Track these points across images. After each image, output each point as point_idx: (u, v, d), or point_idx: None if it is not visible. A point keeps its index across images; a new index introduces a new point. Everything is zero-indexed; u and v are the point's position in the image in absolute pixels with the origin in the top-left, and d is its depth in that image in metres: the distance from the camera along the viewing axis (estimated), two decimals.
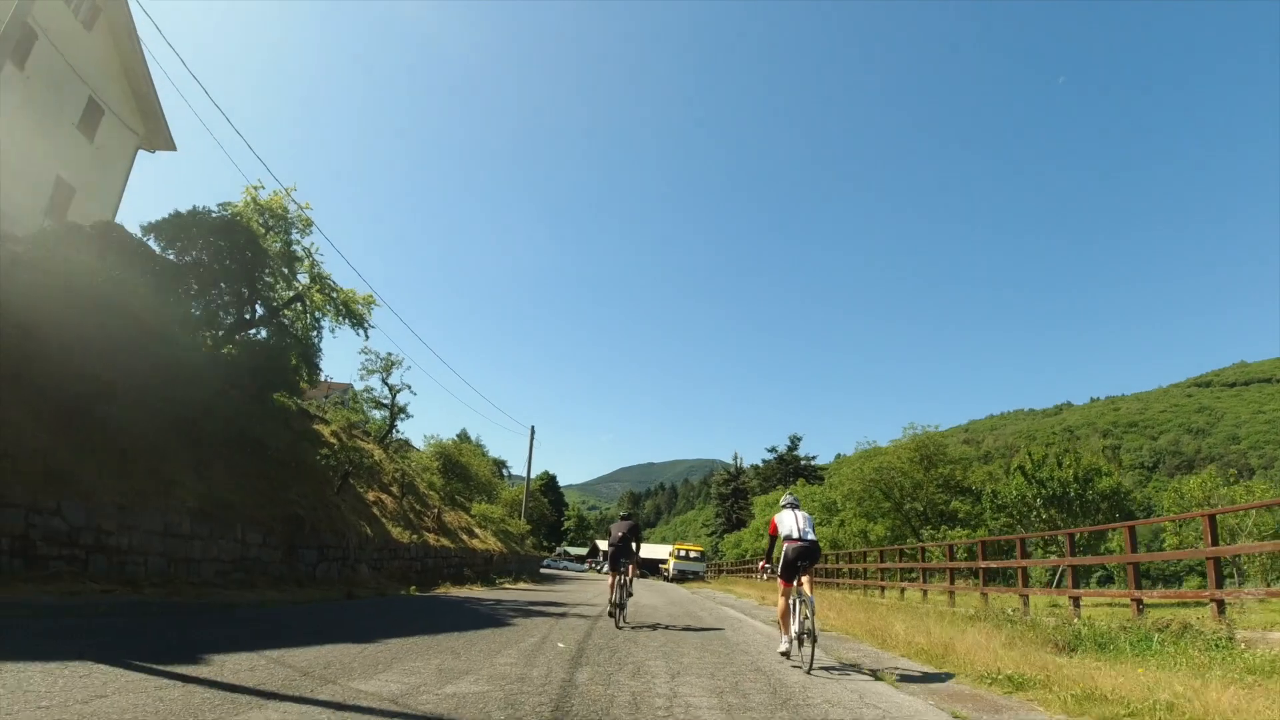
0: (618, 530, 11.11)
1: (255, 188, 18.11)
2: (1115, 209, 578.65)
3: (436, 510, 23.83)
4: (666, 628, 10.22)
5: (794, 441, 77.67)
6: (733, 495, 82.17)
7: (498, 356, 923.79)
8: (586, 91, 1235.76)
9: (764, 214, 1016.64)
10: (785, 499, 8.05)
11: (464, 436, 68.83)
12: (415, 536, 20.50)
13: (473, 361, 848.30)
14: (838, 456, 74.90)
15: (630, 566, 10.72)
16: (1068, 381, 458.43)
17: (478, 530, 28.01)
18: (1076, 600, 12.59)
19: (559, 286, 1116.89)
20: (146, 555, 11.63)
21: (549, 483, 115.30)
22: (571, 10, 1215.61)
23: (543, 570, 54.43)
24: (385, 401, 26.15)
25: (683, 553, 48.81)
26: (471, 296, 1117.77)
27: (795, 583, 7.15)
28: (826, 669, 6.73)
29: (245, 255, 17.38)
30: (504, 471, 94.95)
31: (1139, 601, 9.25)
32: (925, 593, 20.57)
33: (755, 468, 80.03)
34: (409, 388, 26.75)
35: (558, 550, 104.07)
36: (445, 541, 22.69)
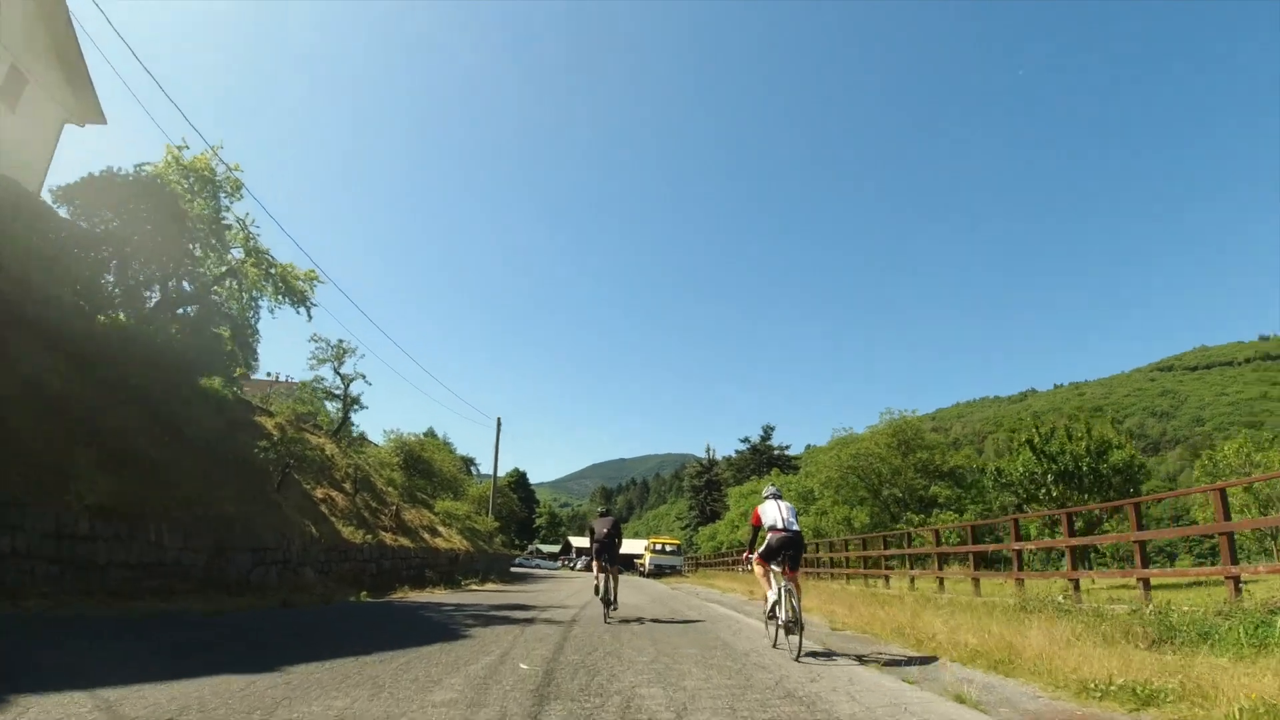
0: (601, 527, 11.20)
1: (179, 147, 16.11)
2: (1075, 197, 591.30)
3: (395, 508, 21.98)
4: (654, 625, 8.77)
5: (767, 431, 76.89)
6: (706, 488, 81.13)
7: (465, 356, 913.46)
8: (547, 75, 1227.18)
9: (734, 206, 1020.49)
10: (767, 490, 8.09)
11: (431, 434, 66.91)
12: (370, 536, 18.67)
13: (440, 360, 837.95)
14: (808, 448, 74.05)
15: (611, 566, 10.78)
16: (1031, 369, 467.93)
17: (441, 528, 26.19)
18: (1076, 583, 11.47)
19: (529, 285, 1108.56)
20: (33, 561, 9.75)
21: (519, 480, 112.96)
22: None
23: (514, 569, 52.60)
24: (338, 392, 24.20)
25: (659, 546, 47.05)
26: (444, 296, 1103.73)
27: (782, 571, 7.21)
28: (811, 654, 6.80)
29: (168, 222, 15.39)
30: (472, 469, 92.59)
31: (1148, 578, 8.25)
32: (913, 580, 19.44)
33: (728, 459, 79.08)
34: (363, 377, 24.81)
35: (530, 548, 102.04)
36: (405, 541, 20.88)
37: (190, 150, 16.19)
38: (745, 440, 77.25)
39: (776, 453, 75.20)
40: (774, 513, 7.55)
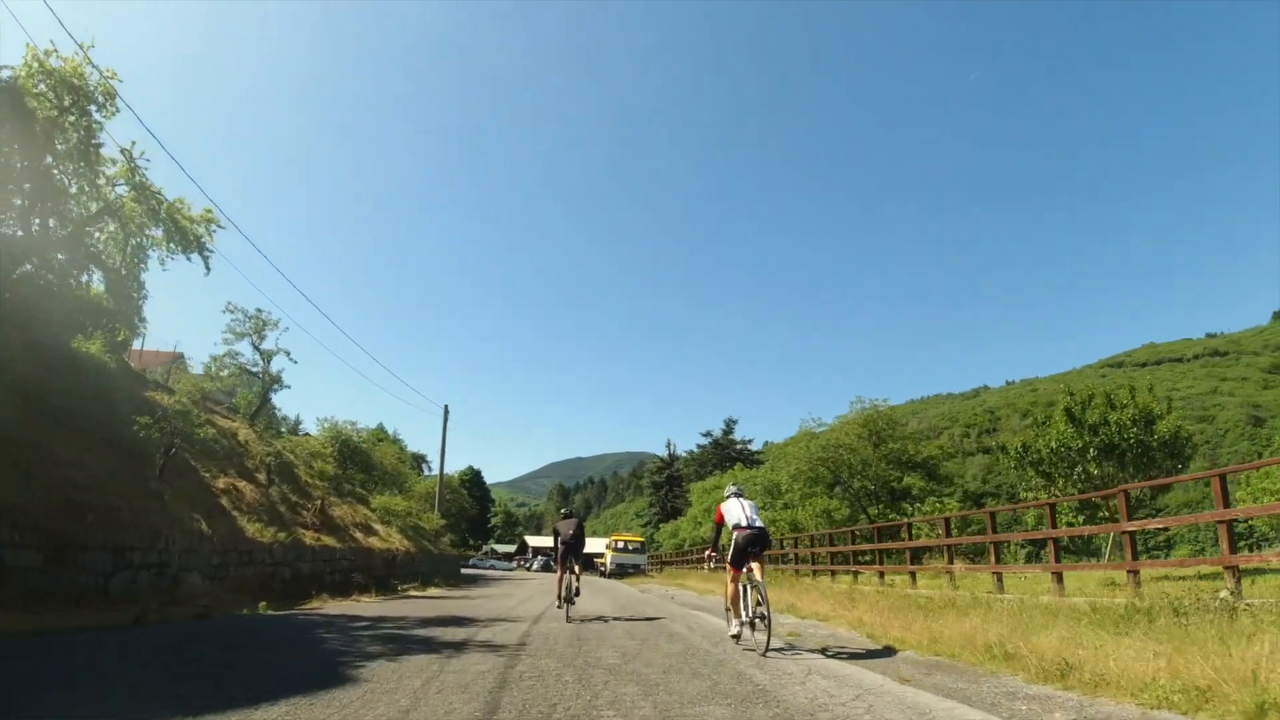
0: (567, 528, 11.39)
1: (47, 51, 12.85)
2: (1021, 196, 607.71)
3: (321, 502, 18.95)
4: (625, 634, 6.27)
5: (729, 426, 75.04)
6: (667, 483, 78.89)
7: (415, 355, 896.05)
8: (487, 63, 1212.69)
9: (691, 200, 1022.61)
10: (730, 488, 8.09)
11: (380, 431, 62.92)
12: (283, 535, 15.69)
13: (388, 355, 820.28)
14: (766, 444, 72.33)
15: (577, 565, 11.06)
16: (980, 366, 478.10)
17: (379, 526, 23.18)
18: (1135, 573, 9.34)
19: (484, 282, 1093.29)
20: None
21: (474, 478, 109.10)
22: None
23: (466, 570, 49.44)
24: (256, 370, 21.03)
25: (621, 544, 44.09)
26: (397, 294, 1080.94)
27: (745, 569, 7.16)
28: (778, 650, 6.72)
29: (28, 142, 12.25)
30: (423, 466, 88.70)
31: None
32: (914, 575, 17.33)
33: (690, 454, 76.97)
34: (287, 354, 21.68)
35: (484, 549, 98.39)
36: (330, 540, 17.92)
37: (80, 67, 12.94)
38: (707, 435, 75.34)
39: (739, 447, 73.38)
40: (738, 510, 7.49)
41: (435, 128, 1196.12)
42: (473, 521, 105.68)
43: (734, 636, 7.44)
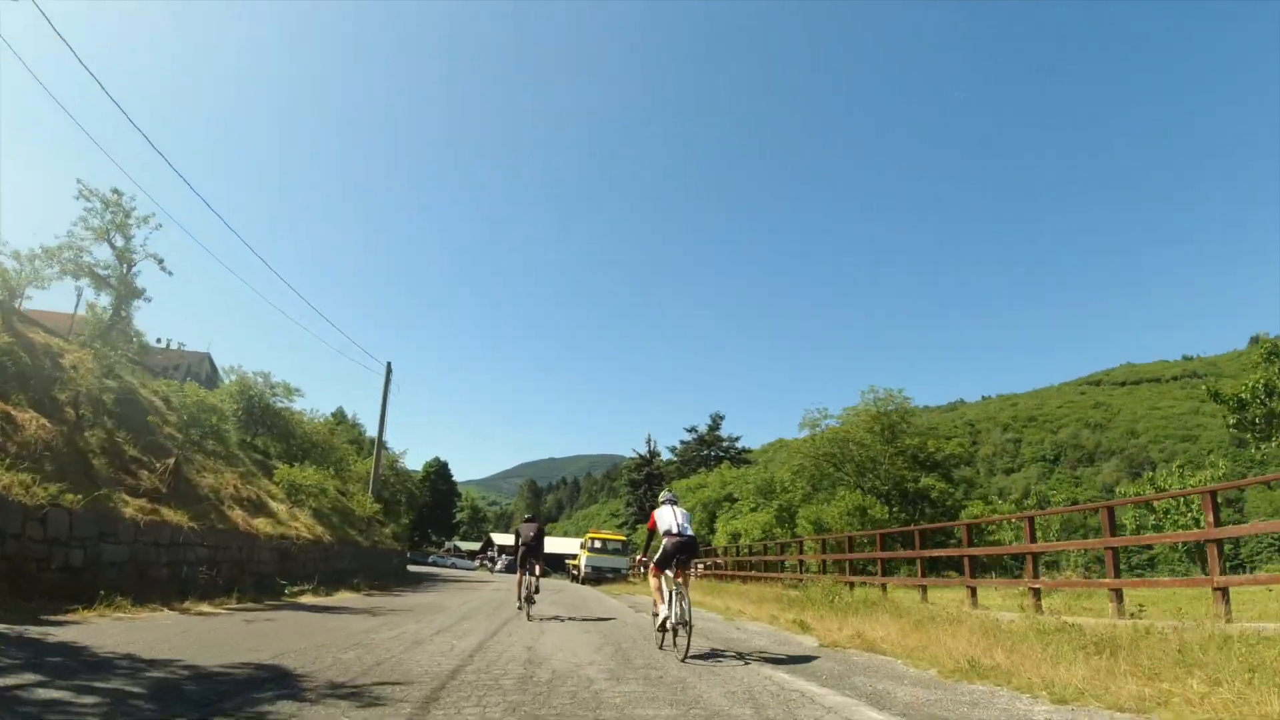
0: (528, 530, 12.33)
1: None
2: (999, 209, 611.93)
3: (174, 460, 13.04)
4: None
5: (715, 421, 69.80)
6: (646, 482, 73.23)
7: (393, 344, 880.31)
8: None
9: (667, 195, 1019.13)
10: (664, 495, 8.49)
11: (339, 415, 56.36)
12: (74, 497, 9.82)
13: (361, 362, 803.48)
14: (763, 447, 67.09)
15: (538, 566, 11.67)
16: (959, 380, 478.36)
17: (277, 505, 17.23)
18: None
19: (463, 272, 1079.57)
20: None
21: (440, 470, 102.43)
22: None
23: (418, 568, 43.40)
24: (107, 274, 15.13)
25: (598, 543, 37.38)
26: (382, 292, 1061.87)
27: (673, 575, 7.61)
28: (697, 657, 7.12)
29: None
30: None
31: None
32: (973, 592, 12.10)
33: (672, 450, 71.49)
34: (159, 262, 15.76)
35: (447, 545, 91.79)
36: (177, 516, 12.03)
37: None
38: (692, 430, 70.01)
39: (726, 444, 68.09)
40: (669, 518, 7.88)
41: (420, 134, 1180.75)
42: (436, 516, 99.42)
43: (660, 627, 7.75)
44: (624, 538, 40.75)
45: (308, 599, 13.65)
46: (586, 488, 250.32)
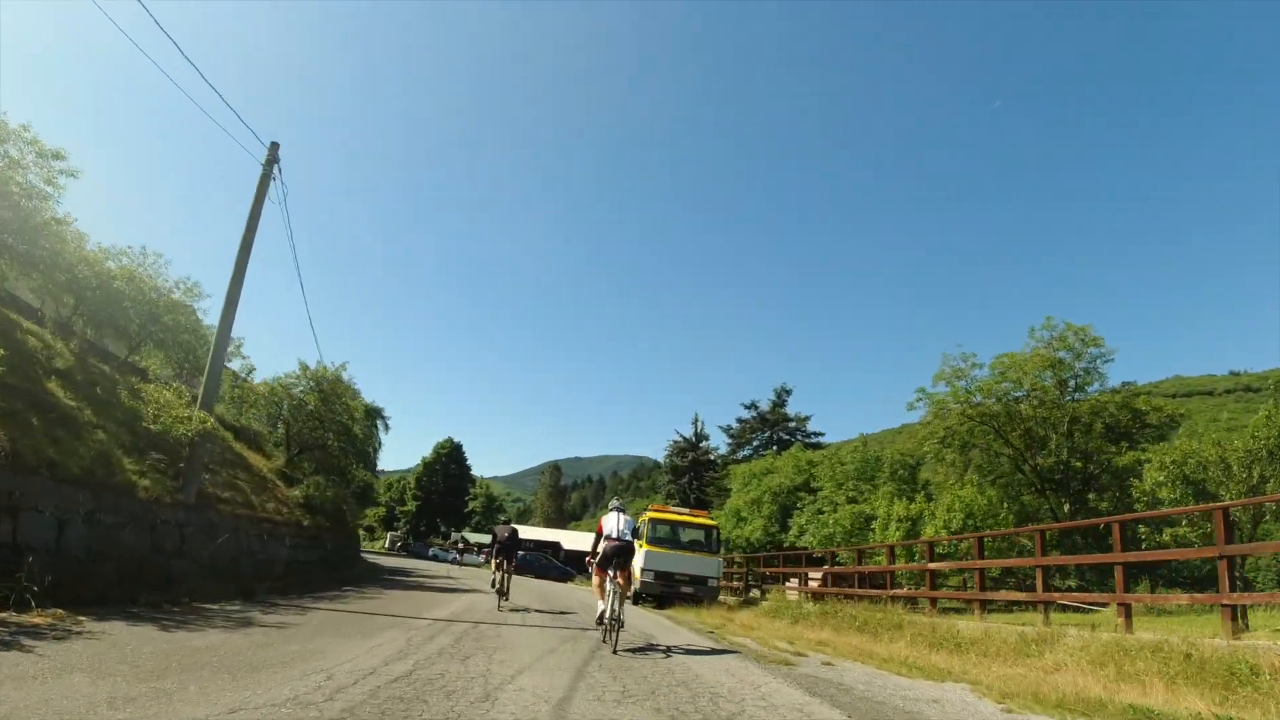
0: (503, 532, 13.99)
1: None
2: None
3: None
4: None
5: (781, 395, 56.86)
6: (691, 469, 60.65)
7: (423, 345, 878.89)
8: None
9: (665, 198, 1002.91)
10: (613, 504, 9.63)
11: (339, 372, 45.03)
12: None
13: (405, 357, 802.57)
14: (815, 434, 54.25)
15: (508, 563, 13.44)
16: None
17: None
18: None
19: (492, 281, 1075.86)
20: None
21: (453, 452, 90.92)
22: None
23: (394, 561, 31.89)
24: None
25: (667, 528, 20.13)
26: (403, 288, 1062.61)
27: (611, 575, 8.66)
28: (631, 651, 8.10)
29: None
30: (381, 423, 70.29)
31: None
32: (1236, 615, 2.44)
33: (727, 430, 58.76)
34: None
35: (454, 537, 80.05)
36: None
37: None
38: (751, 406, 57.20)
39: (794, 423, 55.35)
40: (612, 524, 9.03)
41: (430, 122, 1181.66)
42: (448, 504, 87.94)
43: (599, 617, 8.74)
44: (713, 520, 22.28)
45: None
46: (613, 487, 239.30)
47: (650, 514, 20.56)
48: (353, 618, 9.45)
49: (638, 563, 18.17)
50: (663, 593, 18.37)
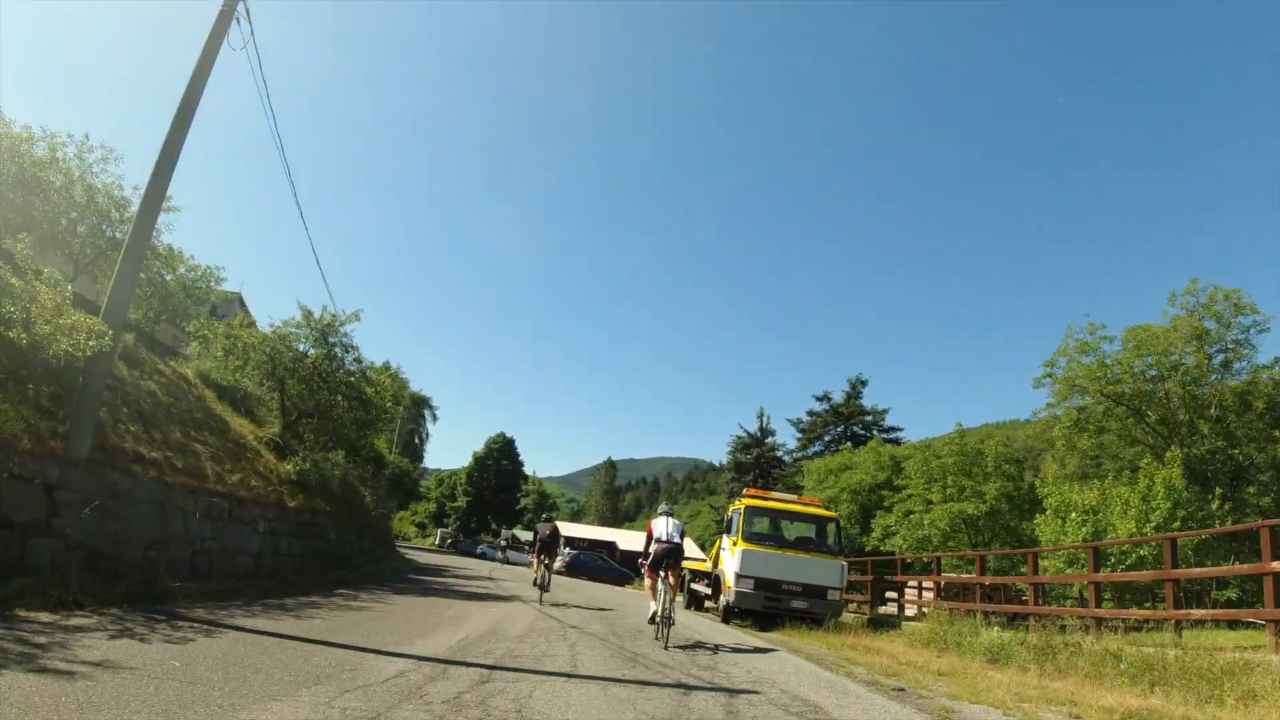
0: (544, 530, 14.32)
1: None
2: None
3: None
4: None
5: (855, 387, 52.04)
6: (756, 466, 56.32)
7: (479, 336, 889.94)
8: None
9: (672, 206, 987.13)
10: (662, 508, 10.26)
11: (384, 367, 42.82)
12: None
13: (450, 354, 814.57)
14: (893, 428, 48.86)
15: (549, 560, 13.82)
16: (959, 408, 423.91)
17: None
18: None
19: (560, 279, 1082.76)
20: None
21: (505, 447, 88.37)
22: None
23: (430, 559, 28.55)
24: None
25: (767, 519, 15.62)
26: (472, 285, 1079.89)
27: (662, 575, 9.16)
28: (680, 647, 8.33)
29: None
30: (429, 412, 68.07)
31: None
32: None
33: (796, 424, 54.10)
34: None
35: (504, 535, 77.25)
36: None
37: None
38: (823, 398, 52.44)
39: (870, 417, 50.45)
40: (662, 528, 9.54)
41: (447, 124, 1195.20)
42: (499, 501, 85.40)
43: (651, 620, 9.49)
44: (832, 513, 17.40)
45: None
46: (667, 488, 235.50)
47: (746, 500, 15.60)
48: (260, 655, 5.32)
49: (730, 567, 14.32)
50: (766, 608, 13.88)
